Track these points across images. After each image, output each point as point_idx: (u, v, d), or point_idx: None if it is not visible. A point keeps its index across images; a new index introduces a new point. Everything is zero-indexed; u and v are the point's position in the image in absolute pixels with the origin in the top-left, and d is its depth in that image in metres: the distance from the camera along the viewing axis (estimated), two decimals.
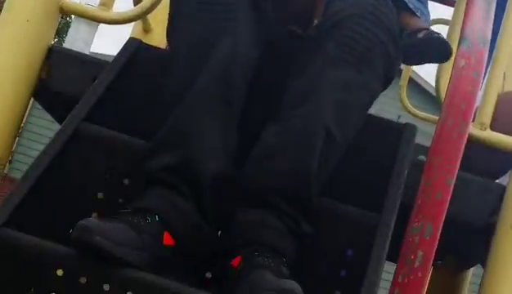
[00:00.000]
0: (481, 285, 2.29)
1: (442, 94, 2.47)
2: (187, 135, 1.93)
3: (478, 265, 2.81)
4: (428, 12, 2.41)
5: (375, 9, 2.04)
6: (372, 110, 2.30)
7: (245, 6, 2.04)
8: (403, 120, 2.33)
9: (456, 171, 1.62)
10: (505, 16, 2.45)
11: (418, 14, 2.22)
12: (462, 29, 1.73)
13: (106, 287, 1.70)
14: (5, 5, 2.42)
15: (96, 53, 13.00)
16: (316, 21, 2.23)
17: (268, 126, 2.02)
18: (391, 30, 2.05)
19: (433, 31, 2.27)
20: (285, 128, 1.98)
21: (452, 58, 2.22)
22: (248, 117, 2.06)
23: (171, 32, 2.18)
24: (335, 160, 2.02)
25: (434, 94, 2.69)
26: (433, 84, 2.74)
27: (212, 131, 1.95)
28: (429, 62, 2.45)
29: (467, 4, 1.80)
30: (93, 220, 1.72)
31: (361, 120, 2.07)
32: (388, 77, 2.12)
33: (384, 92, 2.19)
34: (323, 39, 2.04)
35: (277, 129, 1.99)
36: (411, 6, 2.21)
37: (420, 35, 2.18)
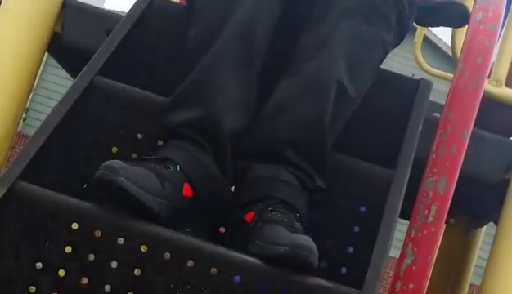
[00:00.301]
0: (493, 243, 2.29)
1: (458, 50, 2.45)
2: (208, 91, 1.93)
3: (491, 224, 2.81)
4: None
5: None
6: (386, 68, 2.29)
7: None
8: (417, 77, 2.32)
9: (472, 125, 1.62)
10: None
11: None
12: None
13: (121, 240, 1.71)
14: None
15: (110, 10, 12.96)
16: None
17: (282, 79, 2.01)
18: None
19: None
20: (297, 81, 1.98)
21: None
22: (268, 72, 2.05)
23: None
24: (348, 113, 2.02)
25: (449, 52, 2.67)
26: (448, 42, 2.72)
27: (232, 87, 1.95)
28: (444, 26, 2.43)
29: None
30: (119, 161, 1.72)
31: (374, 73, 2.06)
32: (402, 32, 2.10)
33: (398, 51, 2.18)
34: None
35: (290, 82, 1.99)
36: None
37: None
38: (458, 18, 2.18)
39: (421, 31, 4.09)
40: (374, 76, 2.07)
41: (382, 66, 2.34)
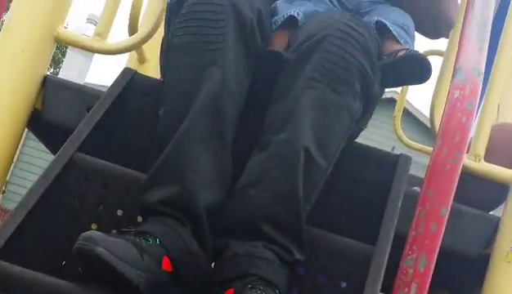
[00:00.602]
0: None
1: (437, 125, 2.47)
2: (182, 168, 1.94)
3: None
4: (414, 46, 2.39)
5: (348, 28, 2.05)
6: (366, 141, 2.30)
7: (234, 39, 2.05)
8: (397, 151, 2.33)
9: (451, 202, 1.62)
10: (498, 49, 2.46)
11: (402, 42, 2.22)
12: (456, 60, 1.73)
13: None
14: (0, 34, 2.42)
15: (92, 84, 13.04)
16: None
17: (252, 154, 2.02)
18: (366, 49, 2.06)
19: (412, 49, 2.24)
20: (266, 155, 1.99)
21: (446, 90, 2.22)
22: (241, 143, 2.06)
23: (163, 63, 2.19)
24: (320, 182, 2.02)
25: (429, 125, 2.70)
26: (428, 115, 2.74)
27: (205, 162, 1.96)
28: (409, 82, 2.43)
29: (461, 35, 1.80)
30: (97, 232, 1.72)
31: (342, 140, 2.06)
32: (368, 98, 2.11)
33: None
34: (300, 62, 2.05)
35: (260, 157, 2.00)
36: (396, 34, 2.21)
37: (400, 54, 2.17)
38: (420, 73, 2.18)
39: (400, 104, 4.12)
40: (343, 143, 2.07)
41: (362, 139, 2.35)
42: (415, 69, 2.16)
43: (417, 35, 2.42)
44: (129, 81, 2.38)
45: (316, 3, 2.25)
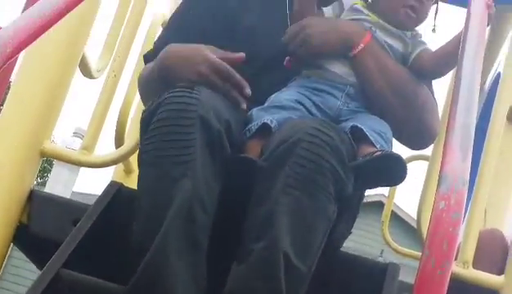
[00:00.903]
0: None
1: (424, 232, 2.48)
2: (158, 280, 1.92)
3: None
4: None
5: (319, 132, 2.07)
6: (355, 244, 2.29)
7: (202, 149, 2.06)
8: (386, 254, 2.33)
9: None
10: (482, 155, 2.48)
11: (377, 146, 2.23)
12: (441, 170, 1.73)
13: None
14: None
15: (79, 193, 13.04)
16: None
17: (233, 264, 2.02)
18: (337, 151, 2.07)
19: (388, 150, 2.25)
20: (247, 265, 1.98)
21: (432, 195, 2.22)
22: (216, 251, 2.04)
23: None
24: (302, 288, 2.01)
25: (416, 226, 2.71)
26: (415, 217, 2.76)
27: (182, 272, 1.94)
28: (385, 182, 2.41)
29: (444, 144, 1.81)
30: None
31: (321, 244, 2.05)
32: (342, 199, 2.11)
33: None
34: (274, 169, 2.06)
35: (240, 267, 1.99)
36: (372, 138, 2.23)
37: (376, 154, 2.18)
38: (395, 173, 2.18)
39: (388, 210, 4.13)
40: (322, 246, 2.06)
41: (350, 242, 2.34)
42: (391, 169, 2.17)
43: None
44: (115, 194, 2.38)
45: (292, 112, 2.27)
